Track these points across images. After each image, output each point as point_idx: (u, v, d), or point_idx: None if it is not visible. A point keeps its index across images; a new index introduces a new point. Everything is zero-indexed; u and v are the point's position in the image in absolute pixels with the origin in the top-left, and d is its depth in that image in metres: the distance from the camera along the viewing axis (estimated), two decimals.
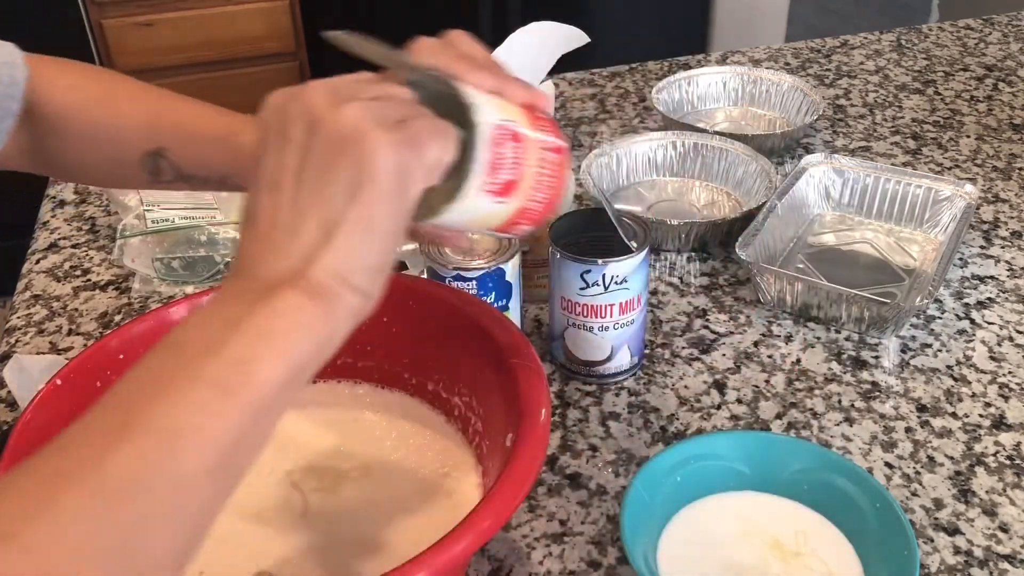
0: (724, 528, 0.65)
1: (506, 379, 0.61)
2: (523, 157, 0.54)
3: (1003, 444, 0.73)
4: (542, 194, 0.56)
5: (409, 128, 0.45)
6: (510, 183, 0.54)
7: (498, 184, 0.53)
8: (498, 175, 0.53)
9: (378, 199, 0.44)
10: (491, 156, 0.52)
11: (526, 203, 0.56)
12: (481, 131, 0.51)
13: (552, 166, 0.57)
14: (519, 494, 0.53)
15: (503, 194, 0.54)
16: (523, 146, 0.54)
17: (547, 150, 0.56)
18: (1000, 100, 1.26)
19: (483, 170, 0.52)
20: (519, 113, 0.56)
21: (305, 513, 0.63)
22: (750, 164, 1.03)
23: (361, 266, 0.45)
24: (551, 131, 0.58)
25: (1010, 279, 0.91)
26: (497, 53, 0.99)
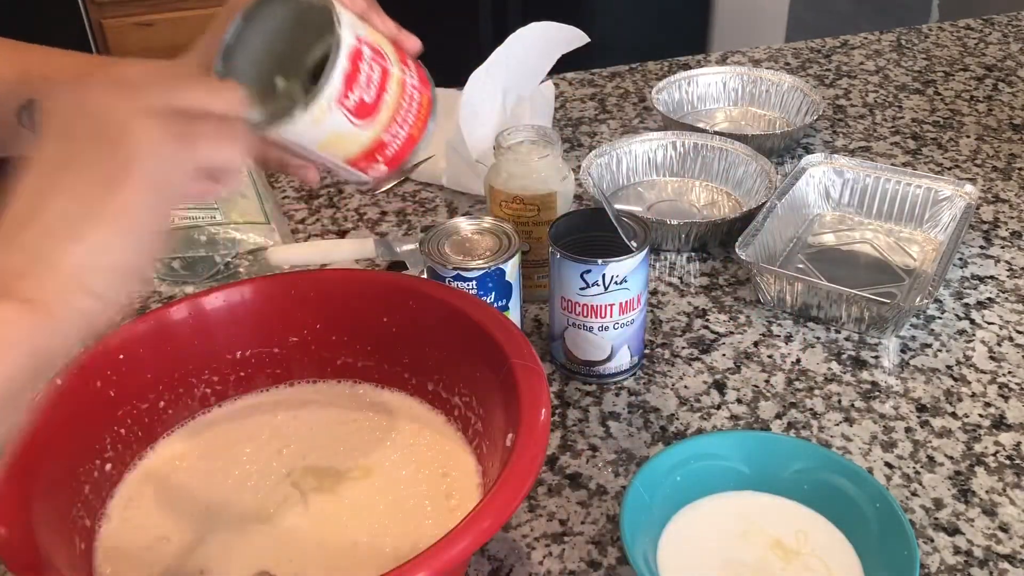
0: (724, 528, 0.65)
1: (506, 379, 0.61)
2: (385, 83, 0.54)
3: (1003, 444, 0.73)
4: (402, 131, 0.56)
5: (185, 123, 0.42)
6: (367, 105, 0.53)
7: (354, 101, 0.53)
8: (355, 90, 0.52)
9: (137, 193, 0.40)
10: (350, 67, 0.52)
11: (383, 135, 0.55)
12: (343, 40, 0.51)
13: (416, 105, 0.56)
14: (519, 494, 0.53)
15: (359, 115, 0.53)
16: (386, 73, 0.54)
17: (413, 88, 0.56)
18: (1000, 100, 1.26)
19: (340, 78, 0.51)
20: (388, 46, 0.56)
21: (305, 513, 0.63)
22: (750, 164, 1.03)
23: (105, 266, 0.41)
24: (419, 76, 0.58)
25: (1010, 279, 0.91)
26: (497, 53, 1.00)
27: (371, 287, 0.72)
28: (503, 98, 1.02)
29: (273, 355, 0.72)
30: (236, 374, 0.71)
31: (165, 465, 0.67)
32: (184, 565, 0.60)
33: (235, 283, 0.71)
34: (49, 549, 0.54)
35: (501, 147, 0.84)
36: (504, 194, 0.84)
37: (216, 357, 0.71)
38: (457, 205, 1.06)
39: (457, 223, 0.78)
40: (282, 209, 1.05)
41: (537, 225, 0.84)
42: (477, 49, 1.10)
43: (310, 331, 0.72)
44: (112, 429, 0.65)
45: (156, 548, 0.61)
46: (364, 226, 1.02)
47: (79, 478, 0.62)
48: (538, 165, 0.83)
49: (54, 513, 0.57)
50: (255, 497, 0.64)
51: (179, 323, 0.69)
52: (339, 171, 0.58)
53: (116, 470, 0.65)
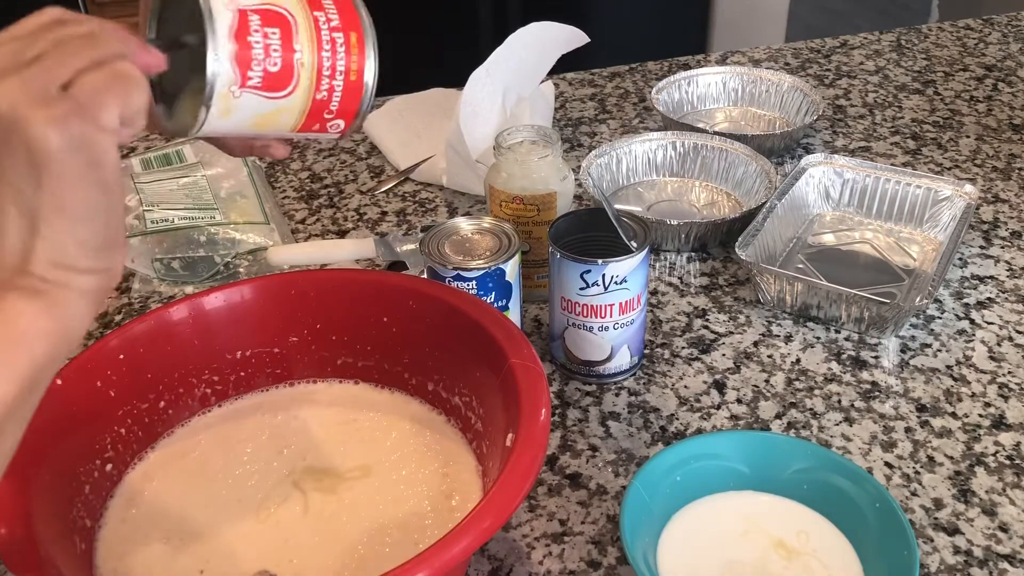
0: (724, 528, 0.65)
1: (506, 379, 0.61)
2: (290, 43, 0.49)
3: (1003, 444, 0.73)
4: (338, 81, 0.51)
5: (76, 93, 0.40)
6: (276, 75, 0.49)
7: (258, 79, 0.48)
8: (254, 67, 0.48)
9: (65, 181, 0.40)
10: (234, 47, 0.47)
11: (315, 95, 0.51)
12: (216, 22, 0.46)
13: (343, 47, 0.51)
14: (519, 494, 0.53)
15: (274, 88, 0.49)
16: (288, 31, 0.49)
17: (333, 29, 0.51)
18: (1000, 100, 1.26)
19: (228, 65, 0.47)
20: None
21: (305, 513, 0.63)
22: (750, 164, 1.03)
23: (81, 249, 0.41)
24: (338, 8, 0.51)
25: (1010, 279, 0.91)
26: (497, 53, 1.00)
27: (371, 287, 0.72)
28: (503, 98, 1.02)
29: (273, 355, 0.72)
30: (236, 374, 0.71)
31: (165, 465, 0.67)
32: (184, 565, 0.60)
33: (235, 283, 0.71)
34: (49, 549, 0.54)
35: (501, 147, 0.84)
36: (504, 194, 0.84)
37: (216, 357, 0.71)
38: (457, 205, 1.06)
39: (457, 223, 0.78)
40: (282, 209, 1.05)
41: (537, 225, 0.84)
42: (477, 49, 1.10)
43: (310, 331, 0.72)
44: (112, 429, 0.65)
45: (156, 548, 0.61)
46: (364, 226, 1.02)
47: (79, 478, 0.62)
48: (538, 165, 0.83)
49: (54, 513, 0.57)
50: (255, 497, 0.64)
51: (179, 323, 0.69)
52: (297, 138, 0.55)
53: (116, 470, 0.65)
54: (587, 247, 0.75)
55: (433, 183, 1.09)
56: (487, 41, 2.23)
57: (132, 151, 1.17)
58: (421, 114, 1.19)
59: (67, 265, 0.41)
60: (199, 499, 0.64)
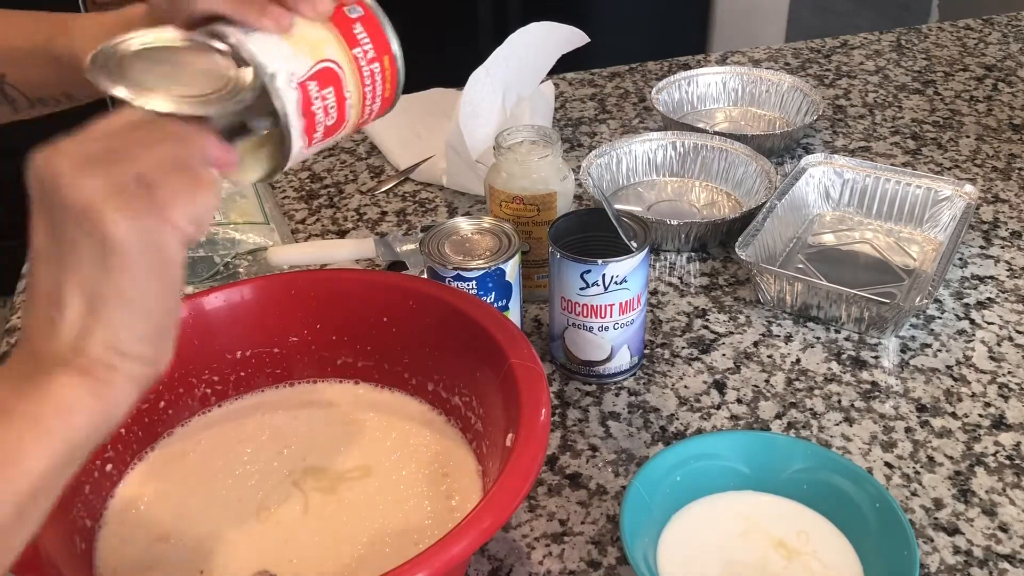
0: (724, 528, 0.65)
1: (506, 379, 0.61)
2: (342, 94, 0.50)
3: (1003, 444, 0.73)
4: (375, 105, 0.53)
5: (153, 192, 0.42)
6: (333, 126, 0.51)
7: (320, 133, 0.50)
8: (317, 128, 0.50)
9: (130, 272, 0.42)
10: (303, 122, 0.49)
11: (359, 121, 0.53)
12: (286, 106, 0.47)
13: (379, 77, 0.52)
14: (519, 494, 0.53)
15: (330, 135, 0.51)
16: (339, 84, 0.50)
17: (370, 63, 0.52)
18: (1000, 100, 1.26)
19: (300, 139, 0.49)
20: (328, 39, 0.51)
21: (305, 513, 0.63)
22: (750, 164, 1.03)
23: (135, 336, 0.43)
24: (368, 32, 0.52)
25: (1010, 279, 0.91)
26: (497, 53, 1.00)
27: (371, 287, 0.72)
28: (503, 98, 1.02)
29: (273, 355, 0.72)
30: (236, 374, 0.71)
31: (165, 465, 0.67)
32: (184, 565, 0.60)
33: (235, 283, 0.71)
34: (49, 549, 0.54)
35: (501, 147, 0.84)
36: (504, 194, 0.84)
37: (216, 357, 0.71)
38: (457, 205, 1.06)
39: (457, 223, 0.78)
40: (282, 209, 1.05)
41: (537, 225, 0.84)
42: (477, 49, 1.10)
43: (310, 331, 0.72)
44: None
45: (156, 548, 0.61)
46: (364, 226, 1.02)
47: (79, 478, 0.62)
48: (538, 165, 0.83)
49: (54, 513, 0.57)
50: (255, 497, 0.64)
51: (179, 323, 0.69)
52: None
53: (116, 470, 0.65)
54: (587, 247, 0.75)
55: (433, 183, 1.09)
56: (487, 41, 2.23)
57: None
58: (421, 114, 1.19)
59: (120, 351, 0.43)
60: (199, 499, 0.64)
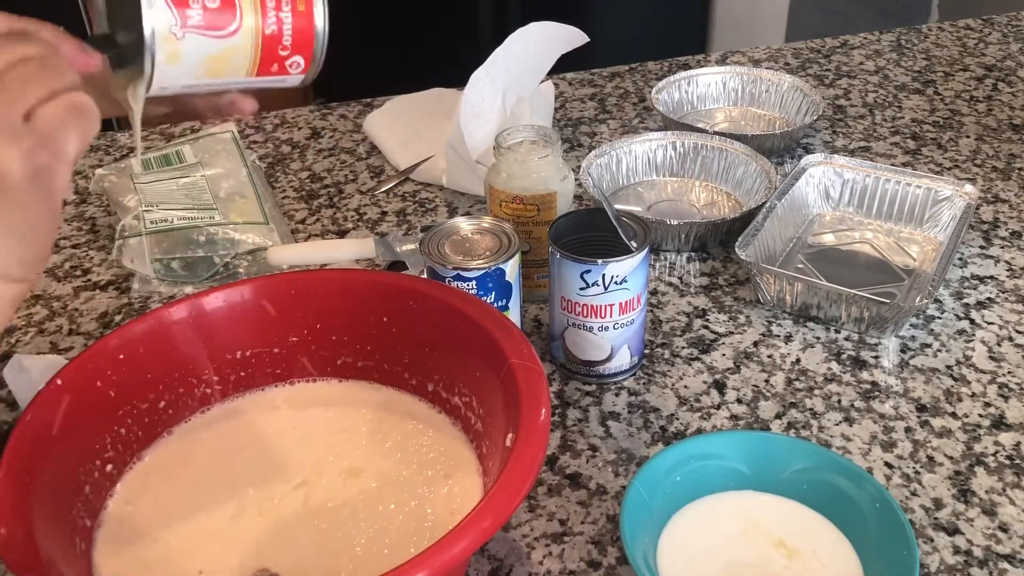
0: (724, 528, 0.65)
1: (506, 379, 0.61)
2: None
3: (1003, 444, 0.73)
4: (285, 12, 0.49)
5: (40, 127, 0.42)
6: (219, 11, 0.47)
7: (199, 16, 0.47)
8: (193, 6, 0.46)
9: (20, 205, 0.42)
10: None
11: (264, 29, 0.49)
12: None
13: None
14: (519, 494, 0.53)
15: (217, 26, 0.47)
16: None
17: None
18: (1000, 100, 1.26)
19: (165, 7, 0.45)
20: None
21: (305, 512, 0.63)
22: (750, 164, 1.03)
23: (17, 263, 0.44)
24: None
25: (1010, 279, 0.91)
26: (497, 53, 1.00)
27: (371, 287, 0.72)
28: (503, 98, 1.02)
29: (273, 355, 0.72)
30: (236, 374, 0.71)
31: (165, 465, 0.67)
32: (184, 564, 0.60)
33: (235, 283, 0.71)
34: (49, 549, 0.54)
35: (501, 147, 0.84)
36: (504, 194, 0.84)
37: (216, 357, 0.71)
38: (457, 205, 1.06)
39: (457, 223, 0.78)
40: (282, 209, 1.05)
41: (537, 225, 0.84)
42: (477, 49, 1.10)
43: (310, 331, 0.72)
44: (112, 429, 0.65)
45: (156, 547, 0.61)
46: (364, 226, 1.02)
47: (79, 478, 0.62)
48: (538, 165, 0.83)
49: (54, 513, 0.57)
50: (255, 497, 0.64)
51: (179, 323, 0.69)
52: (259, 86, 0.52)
53: (116, 470, 0.65)
54: (587, 247, 0.75)
55: (433, 183, 1.09)
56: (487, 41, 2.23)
57: (131, 151, 1.18)
58: (421, 114, 1.19)
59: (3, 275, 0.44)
60: (199, 499, 0.64)
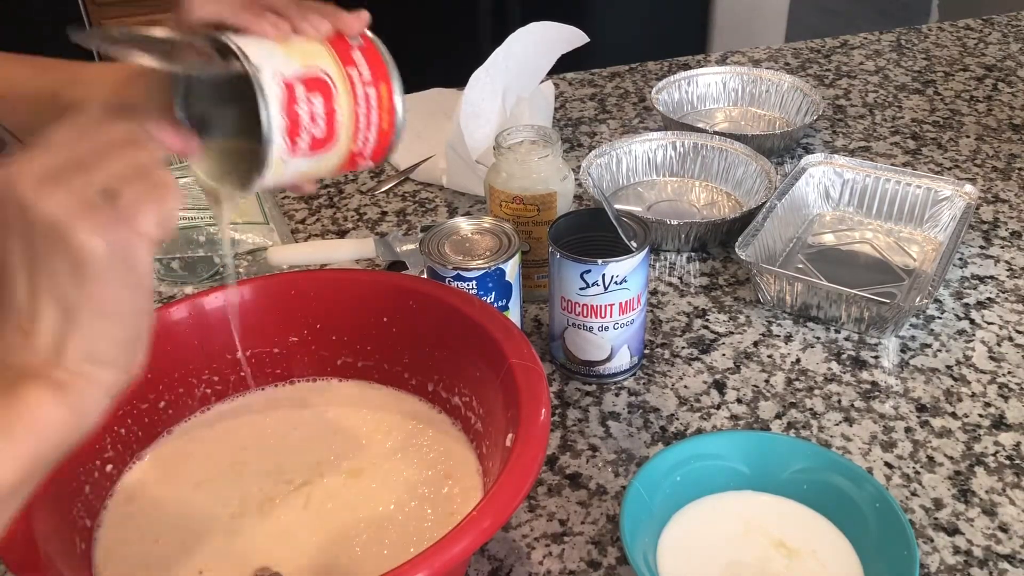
0: (724, 528, 0.65)
1: (506, 379, 0.61)
2: (331, 106, 0.51)
3: (1003, 444, 0.73)
4: (371, 132, 0.53)
5: (119, 202, 0.43)
6: (320, 139, 0.51)
7: (305, 145, 0.50)
8: (301, 135, 0.50)
9: (101, 282, 0.43)
10: (286, 122, 0.49)
11: (351, 147, 0.53)
12: (266, 99, 0.48)
13: (375, 100, 0.52)
14: (519, 494, 0.53)
15: (317, 149, 0.51)
16: (329, 95, 0.50)
17: (365, 85, 0.52)
18: (1000, 100, 1.26)
19: (281, 139, 0.49)
20: (323, 53, 0.51)
21: (305, 512, 0.63)
22: (750, 164, 1.03)
23: (110, 343, 0.44)
24: (368, 60, 0.53)
25: (1010, 279, 0.91)
26: (497, 53, 1.00)
27: (371, 287, 0.72)
28: (503, 98, 1.02)
29: (273, 355, 0.72)
30: (236, 374, 0.71)
31: (165, 465, 0.67)
32: (184, 565, 0.60)
33: (235, 283, 0.71)
34: (49, 549, 0.54)
35: (501, 147, 0.84)
36: (504, 194, 0.84)
37: (216, 357, 0.71)
38: (457, 205, 1.06)
39: (457, 223, 0.78)
40: (282, 209, 1.05)
41: (537, 225, 0.84)
42: (477, 49, 1.10)
43: (310, 331, 0.72)
44: (112, 429, 0.65)
45: (156, 547, 0.61)
46: (364, 226, 1.02)
47: (79, 478, 0.62)
48: (538, 165, 0.83)
49: (54, 513, 0.57)
50: (255, 496, 0.64)
51: (179, 323, 0.69)
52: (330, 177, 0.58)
53: (116, 470, 0.65)
54: (587, 247, 0.75)
55: (433, 183, 1.09)
56: (487, 41, 2.23)
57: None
58: (421, 114, 1.19)
59: (97, 360, 0.44)
60: (199, 498, 0.64)
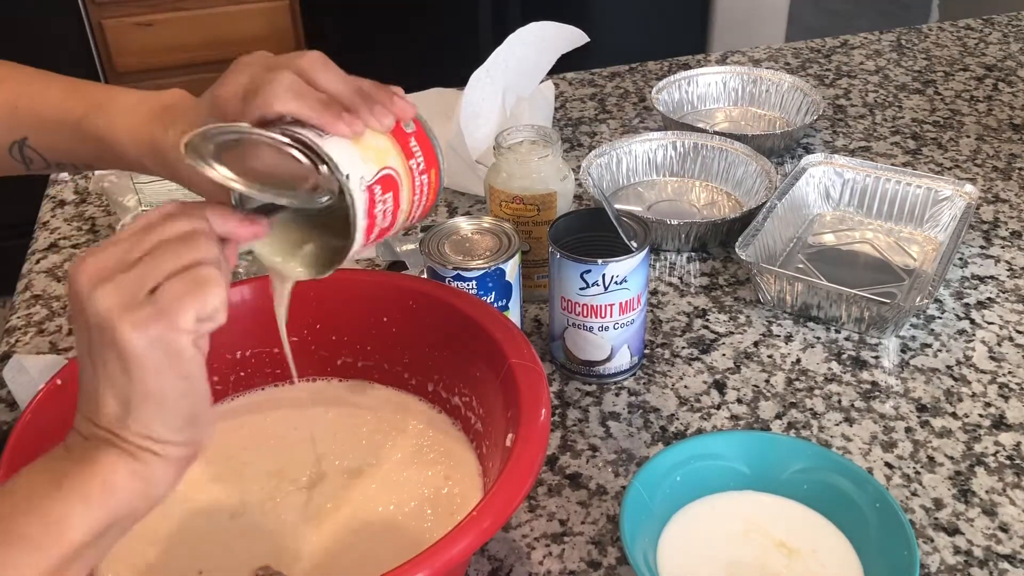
0: (724, 528, 0.65)
1: (506, 379, 0.61)
2: (399, 198, 0.54)
3: (1003, 444, 0.73)
4: (418, 211, 0.57)
5: (159, 299, 0.46)
6: (387, 228, 0.54)
7: (376, 235, 0.54)
8: (375, 230, 0.53)
9: (149, 375, 0.46)
10: (367, 223, 0.52)
11: (404, 223, 0.57)
12: (355, 208, 0.50)
13: (427, 187, 0.56)
14: (519, 494, 0.53)
15: (381, 236, 0.54)
16: (397, 191, 0.54)
17: (421, 174, 0.55)
18: (1000, 100, 1.26)
19: (362, 238, 0.52)
20: (390, 150, 0.54)
21: (305, 512, 0.63)
22: (750, 164, 1.03)
23: (166, 427, 0.47)
24: (421, 147, 0.56)
25: (1010, 279, 0.91)
26: (497, 53, 1.00)
27: (371, 287, 0.72)
28: (503, 98, 1.02)
29: (273, 355, 0.72)
30: (236, 374, 0.71)
31: None
32: (184, 564, 0.60)
33: (235, 283, 0.71)
34: None
35: (501, 147, 0.84)
36: (504, 194, 0.84)
37: (216, 357, 0.70)
38: (457, 205, 1.06)
39: (457, 223, 0.78)
40: None
41: (537, 225, 0.84)
42: (477, 49, 1.10)
43: (310, 331, 0.72)
44: None
45: (155, 548, 0.61)
46: None
47: None
48: (538, 165, 0.83)
49: None
50: (255, 497, 0.64)
51: None
52: None
53: None
54: (587, 247, 0.75)
55: None
56: (487, 41, 2.23)
57: None
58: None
59: (155, 439, 0.47)
60: (199, 499, 0.64)
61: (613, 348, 0.78)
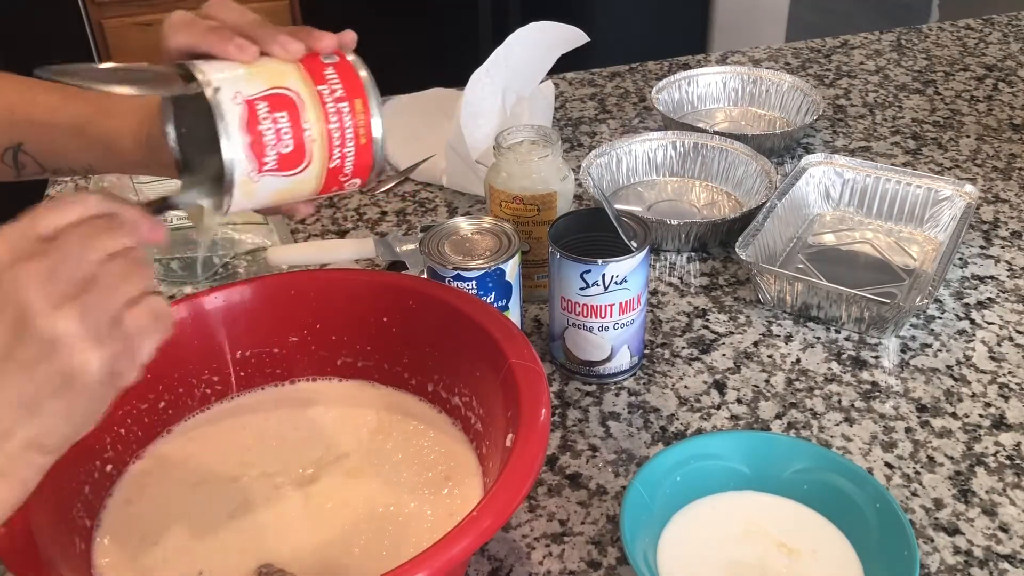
0: (724, 528, 0.65)
1: (506, 379, 0.61)
2: (299, 123, 0.52)
3: (1003, 444, 0.73)
4: (349, 147, 0.54)
5: (124, 330, 0.45)
6: (290, 155, 0.51)
7: (273, 162, 0.51)
8: (268, 151, 0.51)
9: (84, 399, 0.45)
10: (248, 139, 0.50)
11: (329, 164, 0.53)
12: (225, 118, 0.49)
13: (348, 115, 0.53)
14: (519, 494, 0.53)
15: (289, 167, 0.52)
16: (295, 112, 0.51)
17: (337, 101, 0.53)
18: (1000, 100, 1.26)
19: (244, 156, 0.50)
20: (290, 72, 0.52)
21: (305, 512, 0.63)
22: (750, 164, 1.03)
23: (60, 441, 0.46)
24: (341, 76, 0.54)
25: (1010, 279, 0.91)
26: (497, 53, 1.00)
27: (371, 287, 0.72)
28: (503, 98, 1.02)
29: (273, 355, 0.72)
30: (236, 374, 0.71)
31: (165, 465, 0.67)
32: (184, 564, 0.60)
33: (235, 283, 0.71)
34: (49, 549, 0.54)
35: (501, 147, 0.84)
36: (504, 194, 0.84)
37: (216, 357, 0.71)
38: (457, 205, 1.06)
39: (457, 223, 0.78)
40: None
41: (537, 225, 0.84)
42: (477, 49, 1.10)
43: (310, 331, 0.72)
44: (112, 429, 0.65)
45: (155, 547, 0.61)
46: (364, 226, 1.02)
47: (79, 478, 0.62)
48: (538, 165, 0.83)
49: (54, 513, 0.57)
50: (255, 497, 0.64)
51: (179, 323, 0.68)
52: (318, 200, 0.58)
53: (116, 470, 0.65)
54: (587, 247, 0.75)
55: (433, 183, 1.09)
56: (487, 41, 2.23)
57: None
58: (421, 114, 1.19)
59: (39, 446, 0.45)
60: (199, 498, 0.64)
61: (613, 348, 0.78)
